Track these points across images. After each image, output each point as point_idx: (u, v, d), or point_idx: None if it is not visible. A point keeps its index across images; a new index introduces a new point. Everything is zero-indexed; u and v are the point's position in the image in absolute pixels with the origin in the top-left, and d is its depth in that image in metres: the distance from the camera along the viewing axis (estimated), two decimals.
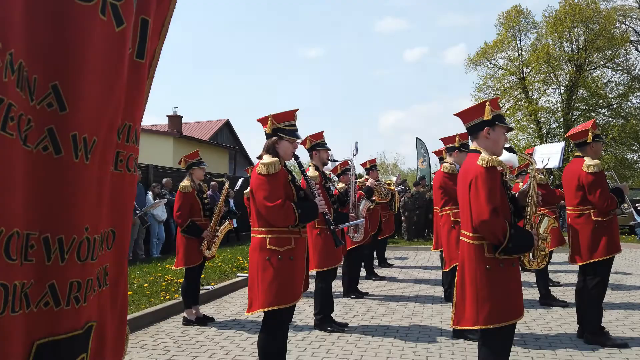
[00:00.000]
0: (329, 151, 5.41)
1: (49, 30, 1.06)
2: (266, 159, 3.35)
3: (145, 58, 1.32)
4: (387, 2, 69.00)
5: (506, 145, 3.09)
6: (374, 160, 8.36)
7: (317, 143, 5.31)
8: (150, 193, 10.29)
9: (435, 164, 14.17)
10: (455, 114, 3.17)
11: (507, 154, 3.56)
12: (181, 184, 5.37)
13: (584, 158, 4.57)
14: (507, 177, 3.11)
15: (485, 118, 2.98)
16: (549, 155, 6.46)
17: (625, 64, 25.94)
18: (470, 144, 3.17)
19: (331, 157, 5.53)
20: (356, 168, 6.17)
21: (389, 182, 8.66)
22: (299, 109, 3.60)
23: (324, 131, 5.38)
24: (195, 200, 5.34)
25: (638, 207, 7.87)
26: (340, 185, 6.54)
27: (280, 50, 76.17)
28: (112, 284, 1.31)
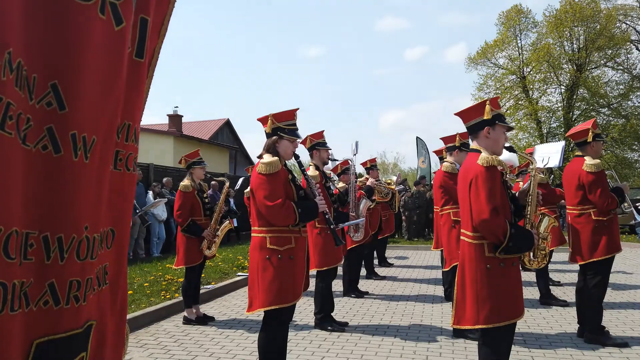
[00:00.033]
0: (329, 150, 5.41)
1: (48, 30, 1.06)
2: (266, 158, 3.36)
3: (145, 57, 1.32)
4: (388, 1, 68.93)
5: (506, 145, 3.09)
6: (374, 159, 8.36)
7: (318, 142, 5.32)
8: (151, 192, 10.29)
9: (436, 163, 14.17)
10: (455, 114, 3.17)
11: (508, 154, 3.56)
12: (181, 183, 5.38)
13: (585, 157, 4.56)
14: (508, 177, 3.11)
15: (485, 117, 2.98)
16: (549, 154, 6.46)
17: (625, 64, 25.93)
18: (471, 144, 3.17)
19: (331, 157, 5.53)
20: (356, 167, 6.17)
21: (389, 182, 8.65)
22: (299, 109, 3.60)
23: (324, 130, 5.40)
24: (196, 200, 5.34)
25: (638, 207, 7.85)
26: (341, 184, 6.54)
27: (281, 49, 76.19)
28: (112, 283, 1.31)
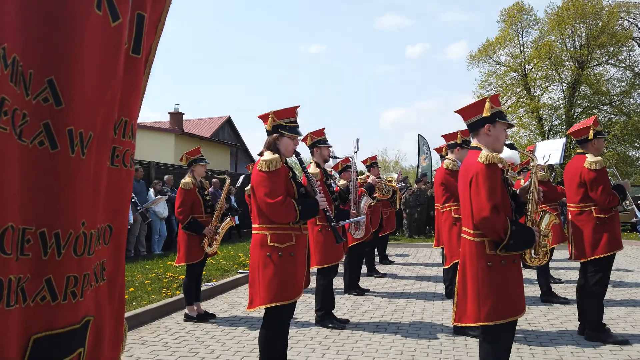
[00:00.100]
0: (330, 148, 5.41)
1: (44, 25, 1.05)
2: (267, 155, 3.35)
3: (142, 53, 1.31)
4: None
5: (507, 142, 3.08)
6: (375, 157, 8.37)
7: (318, 140, 5.31)
8: (152, 190, 10.30)
9: (437, 160, 14.18)
10: (456, 111, 3.16)
11: (508, 151, 3.55)
12: (182, 180, 5.38)
13: (586, 155, 4.55)
14: (509, 174, 3.10)
15: (485, 115, 2.97)
16: (550, 151, 6.45)
17: (627, 61, 25.83)
18: (471, 141, 3.16)
19: (332, 154, 5.53)
20: (357, 165, 6.17)
21: (390, 179, 8.65)
22: (299, 106, 3.60)
23: (325, 128, 5.39)
24: (197, 197, 5.35)
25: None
26: (342, 182, 6.54)
27: (282, 46, 76.11)
28: (110, 279, 1.31)
